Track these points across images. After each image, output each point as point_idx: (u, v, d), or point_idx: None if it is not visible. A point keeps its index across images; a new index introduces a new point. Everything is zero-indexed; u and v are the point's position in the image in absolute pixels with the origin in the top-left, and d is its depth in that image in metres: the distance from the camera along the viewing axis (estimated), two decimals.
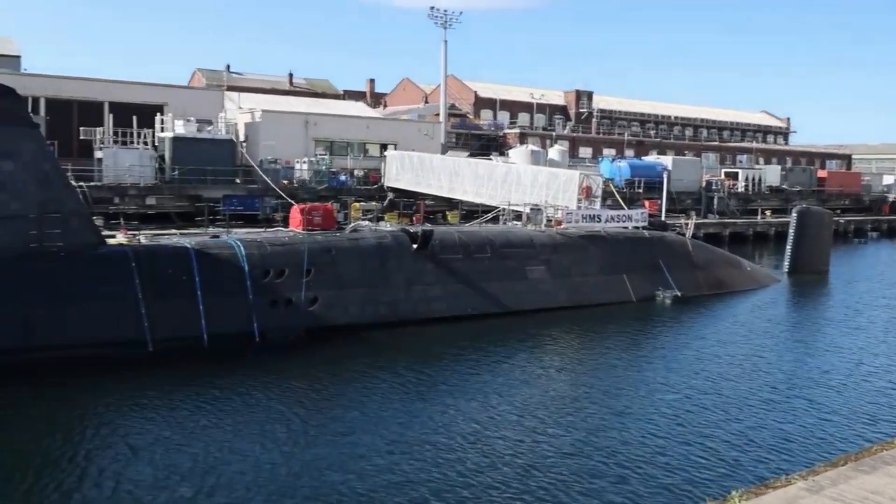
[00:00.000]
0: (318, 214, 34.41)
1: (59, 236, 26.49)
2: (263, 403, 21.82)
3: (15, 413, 20.96)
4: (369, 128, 68.82)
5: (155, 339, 26.49)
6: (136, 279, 26.89)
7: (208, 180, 49.14)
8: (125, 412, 20.98)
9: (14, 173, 25.98)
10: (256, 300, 28.82)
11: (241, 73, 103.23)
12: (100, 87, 58.48)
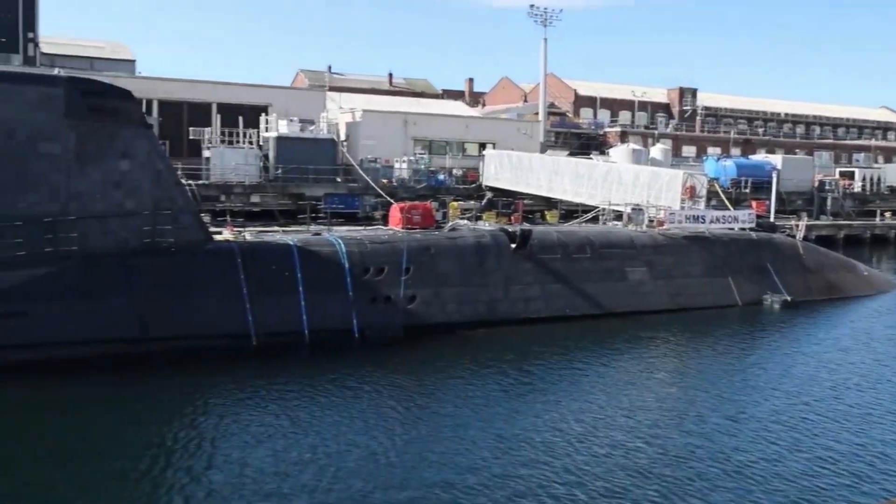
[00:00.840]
0: (418, 213, 34.76)
1: (171, 232, 27.68)
2: (365, 399, 22.22)
3: (133, 401, 22.05)
4: (468, 127, 69.09)
5: (258, 334, 27.34)
6: (242, 275, 27.82)
7: (310, 179, 50.39)
8: (233, 403, 21.77)
9: (130, 172, 27.31)
10: (356, 297, 29.35)
11: (342, 73, 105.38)
12: (208, 89, 60.83)
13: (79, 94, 26.68)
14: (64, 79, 27.43)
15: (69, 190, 26.19)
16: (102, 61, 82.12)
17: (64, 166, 26.22)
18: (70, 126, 26.28)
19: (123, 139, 27.31)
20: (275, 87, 66.41)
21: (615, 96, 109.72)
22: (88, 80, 31.26)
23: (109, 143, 27.05)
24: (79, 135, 26.45)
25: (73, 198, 26.22)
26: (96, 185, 26.67)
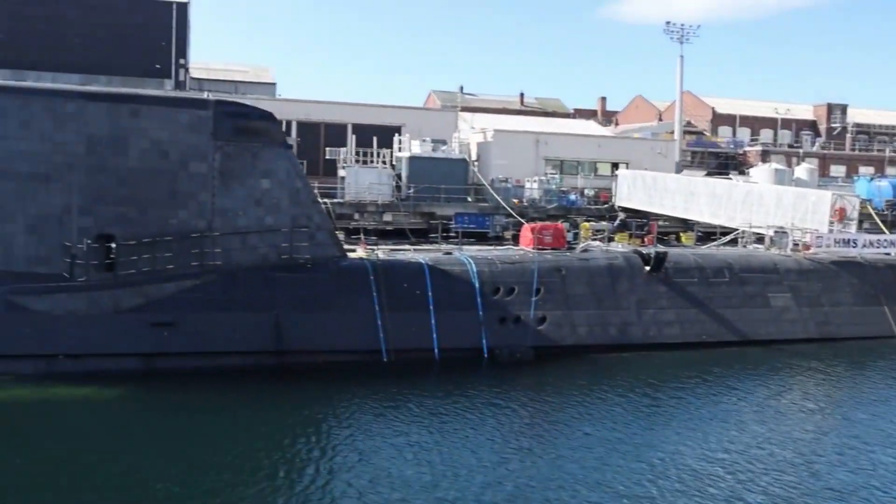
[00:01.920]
0: (549, 233, 34.55)
1: (307, 249, 28.72)
2: (493, 418, 22.21)
3: (269, 409, 22.95)
4: (600, 146, 68.14)
5: (389, 350, 27.88)
6: (375, 292, 28.47)
7: (441, 198, 51.01)
8: (365, 417, 22.28)
9: (271, 190, 28.58)
10: (486, 317, 29.44)
11: (473, 94, 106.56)
12: (344, 110, 62.85)
13: (225, 117, 28.23)
14: (212, 102, 29.06)
15: (215, 207, 27.69)
16: (246, 85, 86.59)
17: (210, 185, 27.77)
18: (217, 147, 27.83)
19: (265, 159, 28.62)
20: (408, 108, 67.81)
21: (756, 114, 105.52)
22: (234, 102, 33.03)
23: (252, 162, 28.43)
24: (224, 155, 27.95)
25: (218, 214, 27.71)
26: (239, 203, 28.07)
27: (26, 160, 25.96)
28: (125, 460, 18.88)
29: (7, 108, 26.09)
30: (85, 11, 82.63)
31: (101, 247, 26.31)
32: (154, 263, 26.48)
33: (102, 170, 26.59)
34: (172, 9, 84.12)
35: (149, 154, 27.11)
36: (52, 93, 27.72)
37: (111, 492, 17.16)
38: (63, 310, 25.47)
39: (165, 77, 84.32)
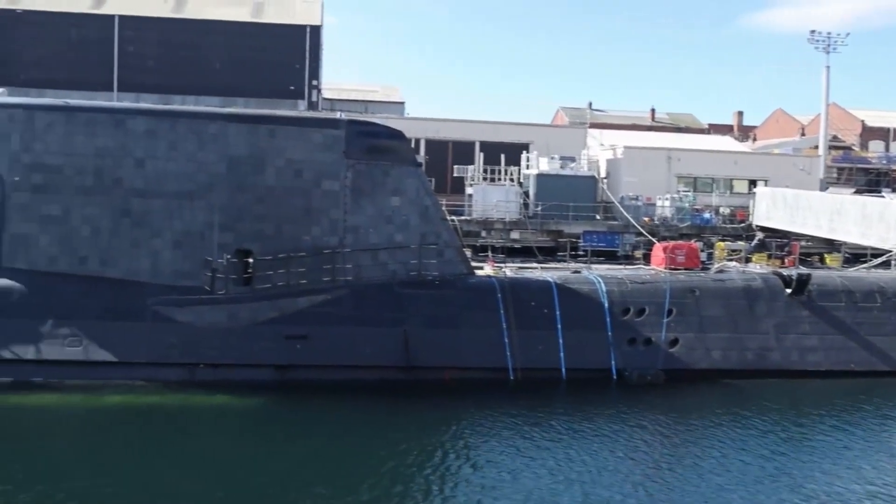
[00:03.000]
0: (682, 253, 33.82)
1: (436, 266, 29.32)
2: (621, 441, 21.97)
3: (396, 422, 23.59)
4: (737, 163, 66.02)
5: (516, 368, 28.03)
6: (502, 309, 28.71)
7: (569, 216, 50.82)
8: (492, 433, 22.54)
9: (401, 208, 29.41)
10: (615, 337, 29.12)
11: (602, 110, 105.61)
12: (471, 128, 63.76)
13: (357, 136, 29.33)
14: (345, 122, 30.25)
15: (346, 224, 28.74)
16: (376, 104, 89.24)
17: (342, 202, 28.86)
18: (349, 165, 28.92)
19: (395, 177, 29.49)
20: (535, 125, 68.07)
21: None
22: (365, 122, 34.16)
23: (382, 180, 29.35)
24: (356, 173, 29.01)
25: (349, 231, 28.74)
26: (370, 220, 29.03)
27: (173, 179, 27.83)
28: (254, 466, 19.90)
29: (156, 131, 28.06)
30: (225, 38, 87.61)
31: (239, 261, 27.81)
32: (288, 278, 27.73)
33: (241, 188, 28.15)
34: (306, 32, 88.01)
35: (284, 173, 28.49)
36: (196, 115, 29.64)
37: (237, 494, 18.07)
38: (204, 321, 27.06)
39: (299, 98, 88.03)
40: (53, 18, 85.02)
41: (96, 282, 27.16)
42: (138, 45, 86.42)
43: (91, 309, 26.73)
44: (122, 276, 27.38)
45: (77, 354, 26.11)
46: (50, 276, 27.02)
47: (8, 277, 26.89)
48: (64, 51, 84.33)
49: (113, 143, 27.73)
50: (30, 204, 27.34)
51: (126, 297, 27.01)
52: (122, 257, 27.49)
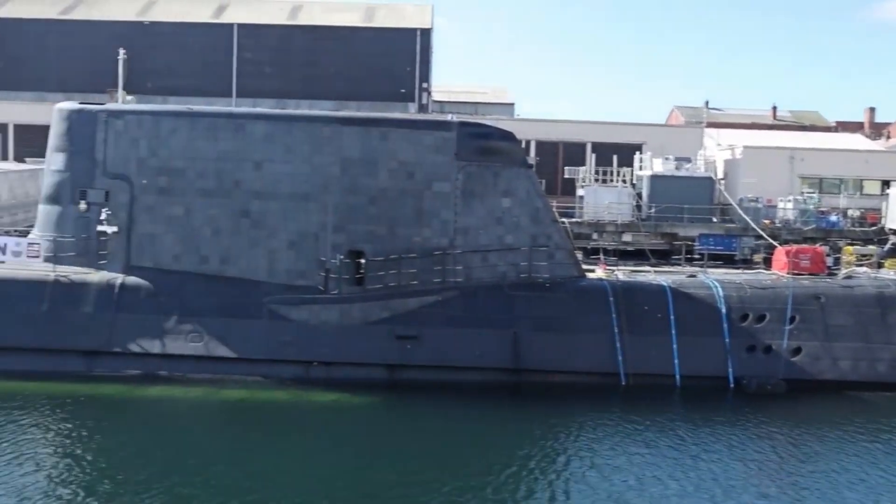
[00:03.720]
0: (806, 258, 32.52)
1: (546, 268, 29.25)
2: (736, 454, 21.37)
3: (506, 424, 23.71)
4: (868, 162, 62.92)
5: (628, 374, 27.64)
6: (614, 313, 28.37)
7: (684, 218, 49.71)
8: (599, 439, 22.36)
9: (511, 209, 29.50)
10: (733, 344, 28.29)
11: (720, 108, 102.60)
12: (582, 129, 63.23)
13: (468, 138, 29.61)
14: (456, 124, 30.57)
15: (457, 226, 29.05)
16: (485, 105, 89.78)
17: (453, 204, 29.19)
18: (460, 167, 29.23)
19: (506, 178, 29.60)
20: (649, 125, 66.89)
21: None
22: (476, 123, 34.40)
23: (493, 181, 29.53)
24: (466, 174, 29.29)
25: (459, 233, 29.04)
26: (480, 222, 29.25)
27: (289, 181, 28.84)
28: (365, 463, 20.46)
29: (273, 135, 29.16)
30: (337, 43, 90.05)
31: (352, 262, 28.55)
32: (399, 279, 28.27)
33: (354, 190, 28.89)
34: (416, 35, 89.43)
35: (396, 175, 29.07)
36: (311, 119, 30.65)
37: (349, 490, 18.58)
38: (318, 320, 27.92)
39: (409, 101, 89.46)
40: (177, 29, 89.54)
41: (216, 280, 28.45)
42: (256, 52, 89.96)
43: (211, 306, 28.01)
44: (240, 275, 28.57)
45: (198, 350, 27.42)
46: (174, 274, 28.49)
47: (136, 275, 28.50)
48: (187, 59, 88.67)
49: (233, 146, 28.99)
50: (156, 205, 28.92)
51: (244, 296, 28.17)
52: (240, 257, 28.69)
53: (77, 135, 29.68)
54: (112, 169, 29.11)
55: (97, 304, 27.89)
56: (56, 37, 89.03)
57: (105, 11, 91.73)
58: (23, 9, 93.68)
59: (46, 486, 18.23)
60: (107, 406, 24.84)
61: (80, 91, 66.02)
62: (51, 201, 30.02)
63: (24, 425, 22.36)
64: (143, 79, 73.14)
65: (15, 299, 27.87)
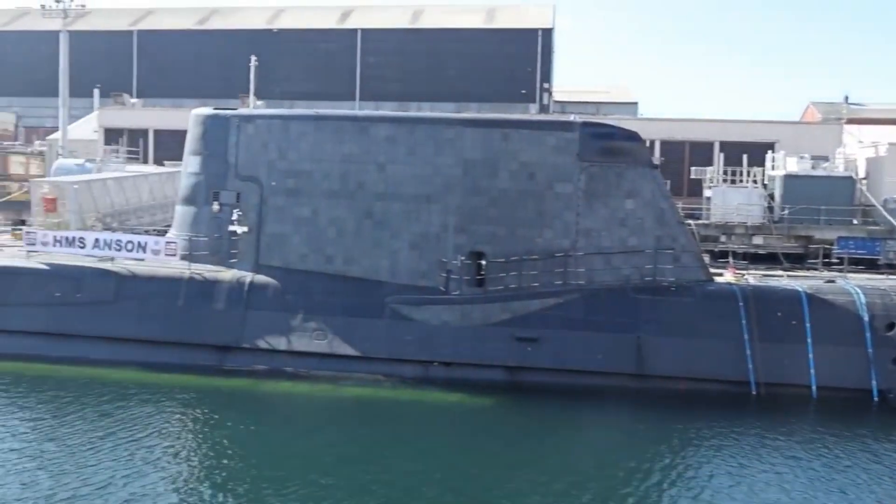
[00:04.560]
0: None
1: (671, 271, 28.52)
2: (889, 474, 20.07)
3: (626, 431, 23.24)
4: None
5: (759, 383, 26.58)
6: (744, 319, 27.35)
7: (821, 220, 47.41)
8: (727, 451, 21.54)
9: (635, 211, 28.93)
10: (876, 355, 26.74)
11: (861, 104, 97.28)
12: (710, 128, 61.26)
13: (591, 138, 29.24)
14: (578, 124, 30.25)
15: (579, 227, 28.73)
16: (607, 105, 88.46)
17: (575, 205, 28.88)
18: (582, 168, 28.90)
19: (629, 179, 29.05)
20: (782, 123, 64.08)
21: None
22: (600, 123, 33.93)
23: (616, 182, 29.05)
24: (589, 175, 28.93)
25: (581, 234, 28.71)
26: (603, 223, 28.82)
27: (411, 183, 29.29)
28: (484, 464, 20.54)
29: (397, 137, 29.68)
30: (458, 45, 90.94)
31: (473, 263, 28.69)
32: (520, 281, 28.21)
33: (476, 191, 29.03)
34: (538, 35, 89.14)
35: (518, 176, 29.01)
36: (434, 121, 31.03)
37: (467, 491, 18.71)
38: (439, 320, 28.20)
39: (530, 102, 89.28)
40: (304, 35, 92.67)
41: (340, 280, 29.20)
42: (378, 56, 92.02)
43: (335, 305, 28.77)
44: (363, 275, 29.22)
45: (323, 347, 28.19)
46: (300, 273, 29.44)
47: (265, 274, 29.60)
48: (312, 65, 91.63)
49: (357, 149, 29.70)
50: (284, 206, 29.97)
51: (366, 295, 28.80)
52: (363, 257, 29.34)
53: (211, 139, 31.15)
54: (243, 171, 30.39)
55: (229, 301, 29.15)
56: (192, 46, 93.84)
57: (237, 21, 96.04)
58: (162, 21, 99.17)
59: (176, 472, 19.18)
60: (236, 399, 25.90)
61: (214, 97, 69.38)
62: (187, 202, 31.64)
63: (159, 415, 23.59)
64: (271, 84, 76.10)
65: (153, 295, 29.50)
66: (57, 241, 31.24)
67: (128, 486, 18.03)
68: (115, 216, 37.66)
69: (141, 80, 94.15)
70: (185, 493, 18.00)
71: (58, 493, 17.48)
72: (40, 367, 27.73)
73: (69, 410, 23.62)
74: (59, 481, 18.12)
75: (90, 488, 17.79)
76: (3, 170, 74.46)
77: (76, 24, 66.58)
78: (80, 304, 29.63)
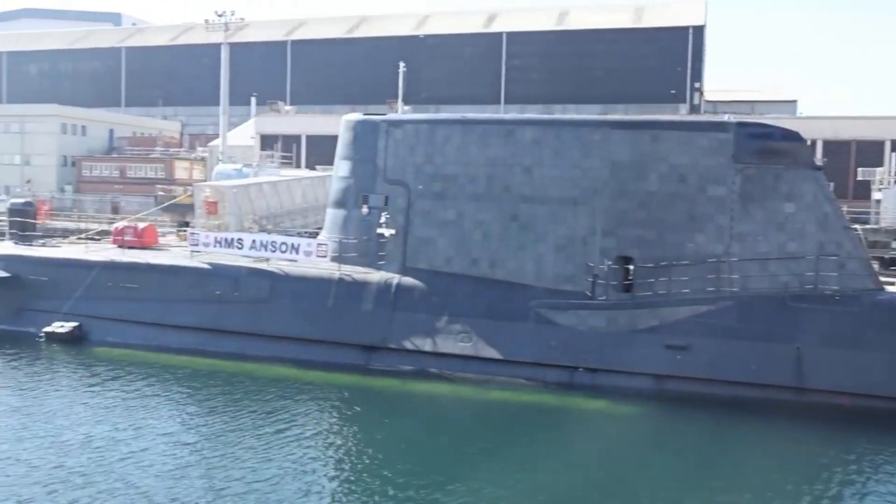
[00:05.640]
0: None
1: (835, 279, 26.92)
2: None
3: (782, 448, 22.16)
4: None
5: None
6: None
7: None
8: (888, 471, 20.14)
9: (794, 215, 27.54)
10: None
11: None
12: (879, 125, 57.52)
13: (747, 139, 28.11)
14: (733, 124, 29.10)
15: (733, 232, 27.66)
16: (763, 104, 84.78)
17: (729, 208, 27.83)
18: (737, 170, 27.82)
19: (788, 181, 27.72)
20: None
21: None
22: (757, 123, 32.48)
23: (774, 185, 27.79)
24: (744, 178, 27.83)
25: (735, 239, 27.63)
26: (759, 227, 27.63)
27: (557, 186, 29.12)
28: (625, 473, 20.13)
29: (543, 140, 29.59)
30: (605, 46, 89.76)
31: (620, 268, 28.17)
32: (670, 286, 27.45)
33: (624, 194, 28.51)
34: (688, 34, 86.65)
35: (667, 178, 28.27)
36: (580, 123, 30.70)
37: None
38: (585, 325, 27.86)
39: (680, 102, 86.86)
40: (449, 40, 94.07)
41: (485, 283, 29.37)
42: (523, 59, 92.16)
43: (480, 308, 28.98)
44: (508, 279, 29.27)
45: (467, 350, 28.46)
46: (446, 275, 29.86)
47: (411, 276, 30.20)
48: (458, 69, 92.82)
49: (503, 152, 29.83)
50: (430, 210, 30.49)
51: (511, 299, 28.84)
52: (508, 260, 29.41)
53: (361, 144, 32.13)
54: (391, 175, 31.14)
55: (376, 302, 29.93)
56: (342, 54, 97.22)
57: (385, 28, 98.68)
58: (314, 30, 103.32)
59: (326, 467, 19.94)
60: (381, 398, 26.58)
61: (363, 103, 71.47)
62: (337, 205, 32.75)
63: (311, 412, 24.56)
64: (417, 89, 77.65)
65: (305, 295, 30.71)
66: (217, 242, 33.10)
67: (284, 477, 18.89)
68: (270, 218, 39.37)
69: (294, 88, 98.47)
70: (339, 488, 18.66)
71: (215, 483, 18.54)
72: (202, 361, 29.49)
73: (229, 403, 25.13)
74: (214, 473, 19.22)
75: (249, 482, 18.71)
76: (170, 175, 79.75)
77: (235, 37, 70.31)
78: (238, 302, 31.26)
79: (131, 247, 36.43)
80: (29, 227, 38.88)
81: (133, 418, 22.78)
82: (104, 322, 32.39)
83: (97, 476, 18.51)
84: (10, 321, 33.65)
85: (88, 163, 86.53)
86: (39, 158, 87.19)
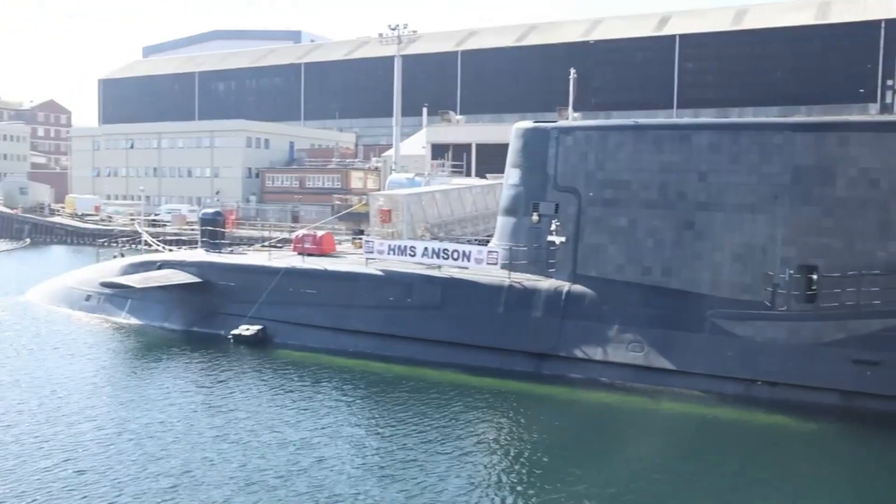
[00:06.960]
0: None
1: None
2: None
3: None
4: None
5: None
6: None
7: None
8: None
9: None
10: None
11: None
12: None
13: None
14: None
15: None
16: None
17: None
18: None
19: None
20: None
21: None
22: None
23: None
24: None
25: None
26: None
27: (735, 192, 28.23)
28: (806, 495, 19.07)
29: (719, 144, 28.78)
30: (786, 44, 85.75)
31: (803, 277, 26.96)
32: (859, 297, 25.98)
33: (808, 200, 27.26)
34: (880, 27, 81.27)
35: (857, 183, 26.79)
36: (760, 126, 29.57)
37: None
38: (763, 337, 26.85)
39: (869, 101, 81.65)
40: (620, 45, 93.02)
41: (658, 291, 28.92)
42: (697, 61, 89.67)
43: (652, 317, 28.57)
44: (682, 287, 28.67)
45: (638, 360, 28.12)
46: (617, 283, 29.64)
47: (581, 284, 30.22)
48: (628, 74, 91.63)
49: (677, 158, 29.28)
50: (601, 217, 30.39)
51: (685, 308, 28.24)
52: (682, 269, 28.81)
53: (531, 151, 32.49)
54: (562, 182, 31.31)
55: (546, 310, 30.15)
56: (511, 62, 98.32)
57: (554, 35, 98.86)
58: (483, 40, 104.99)
59: (491, 470, 20.36)
60: (551, 406, 26.70)
61: (532, 111, 72.07)
62: (507, 213, 33.27)
63: (482, 420, 25.10)
64: (587, 95, 77.37)
65: (477, 302, 31.39)
66: (391, 250, 34.45)
67: (454, 484, 19.49)
68: (442, 226, 40.46)
69: (464, 97, 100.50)
70: (512, 496, 19.04)
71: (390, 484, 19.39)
72: (376, 365, 30.78)
73: (409, 408, 26.02)
74: (407, 476, 20.10)
75: (419, 483, 19.47)
76: (345, 184, 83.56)
77: (407, 49, 72.72)
78: (411, 308, 32.39)
79: (310, 254, 38.48)
80: (218, 236, 41.91)
81: (321, 421, 24.13)
82: (286, 325, 34.48)
83: (294, 477, 19.72)
84: (204, 324, 36.48)
85: (271, 174, 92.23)
86: (227, 171, 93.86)
